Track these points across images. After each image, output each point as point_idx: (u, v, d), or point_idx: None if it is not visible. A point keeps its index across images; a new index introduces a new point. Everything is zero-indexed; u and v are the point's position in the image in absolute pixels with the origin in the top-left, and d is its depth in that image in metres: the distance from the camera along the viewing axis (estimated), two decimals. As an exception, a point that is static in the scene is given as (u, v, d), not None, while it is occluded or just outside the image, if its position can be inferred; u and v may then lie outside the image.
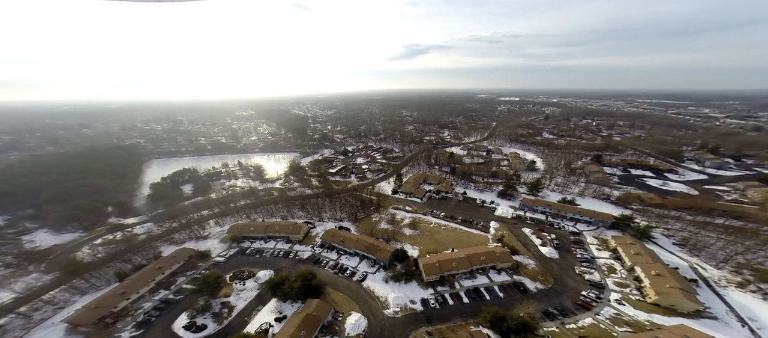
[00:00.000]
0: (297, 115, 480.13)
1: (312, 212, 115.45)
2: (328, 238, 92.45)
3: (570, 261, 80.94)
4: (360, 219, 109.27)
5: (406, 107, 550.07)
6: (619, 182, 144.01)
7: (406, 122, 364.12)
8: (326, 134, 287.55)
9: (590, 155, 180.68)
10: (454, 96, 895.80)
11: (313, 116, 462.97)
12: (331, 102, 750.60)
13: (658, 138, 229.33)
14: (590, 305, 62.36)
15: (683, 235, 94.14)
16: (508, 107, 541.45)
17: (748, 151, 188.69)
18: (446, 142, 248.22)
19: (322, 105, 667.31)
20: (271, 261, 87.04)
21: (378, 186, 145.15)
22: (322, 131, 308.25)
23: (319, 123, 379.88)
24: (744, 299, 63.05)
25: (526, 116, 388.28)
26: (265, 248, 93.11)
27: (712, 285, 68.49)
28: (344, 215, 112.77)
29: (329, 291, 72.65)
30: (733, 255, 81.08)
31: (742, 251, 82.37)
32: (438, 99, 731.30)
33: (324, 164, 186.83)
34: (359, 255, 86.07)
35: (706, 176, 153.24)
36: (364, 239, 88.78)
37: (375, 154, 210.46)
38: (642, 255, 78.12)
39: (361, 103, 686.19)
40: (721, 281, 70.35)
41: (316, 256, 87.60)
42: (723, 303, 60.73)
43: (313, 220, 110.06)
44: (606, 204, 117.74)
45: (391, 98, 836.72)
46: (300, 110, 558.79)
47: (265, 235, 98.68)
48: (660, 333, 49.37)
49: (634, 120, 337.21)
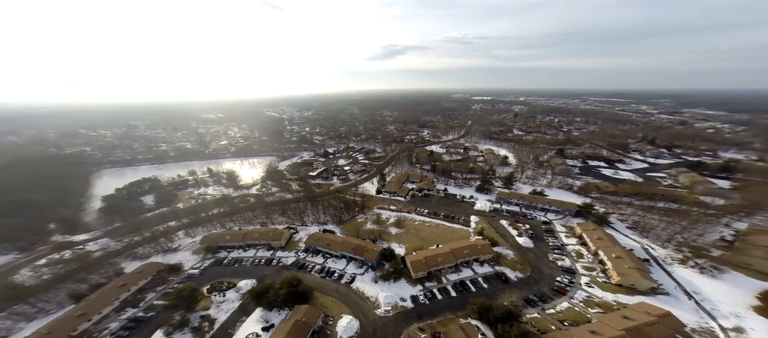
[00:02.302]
0: (272, 117, 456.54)
1: (293, 217, 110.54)
2: (312, 242, 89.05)
3: (544, 249, 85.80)
4: (345, 221, 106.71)
5: (386, 107, 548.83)
6: (580, 172, 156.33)
7: (387, 122, 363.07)
8: (304, 136, 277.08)
9: (554, 149, 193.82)
10: (431, 96, 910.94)
11: (290, 118, 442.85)
12: (308, 103, 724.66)
13: (609, 132, 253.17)
14: (565, 290, 66.68)
15: (634, 219, 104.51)
16: (481, 105, 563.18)
17: (677, 142, 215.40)
18: (426, 141, 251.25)
19: (298, 107, 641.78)
20: (252, 270, 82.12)
21: (362, 187, 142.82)
22: (299, 133, 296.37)
23: (297, 125, 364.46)
24: (686, 274, 71.52)
25: (498, 115, 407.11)
26: (244, 257, 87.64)
27: (661, 263, 76.84)
28: (328, 218, 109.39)
29: (318, 296, 69.94)
30: (673, 235, 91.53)
31: (679, 231, 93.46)
32: (416, 99, 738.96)
33: (304, 167, 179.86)
34: (346, 257, 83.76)
35: (647, 165, 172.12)
36: (351, 240, 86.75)
37: (357, 155, 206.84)
38: (603, 239, 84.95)
39: (341, 104, 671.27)
40: (667, 259, 79.20)
41: (301, 261, 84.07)
42: (671, 279, 68.34)
43: (296, 225, 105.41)
44: (570, 194, 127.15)
45: (370, 99, 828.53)
46: (274, 112, 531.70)
47: (244, 243, 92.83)
48: (625, 311, 54.11)
49: (588, 117, 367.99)
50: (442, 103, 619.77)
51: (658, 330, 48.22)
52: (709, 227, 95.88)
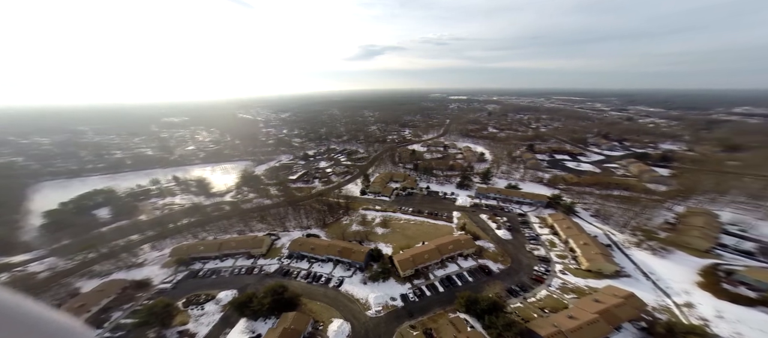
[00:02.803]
0: (245, 119, 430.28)
1: (274, 224, 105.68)
2: (296, 248, 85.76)
3: (521, 240, 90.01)
4: (329, 224, 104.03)
5: (367, 107, 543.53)
6: (548, 166, 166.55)
7: (369, 122, 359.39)
8: (282, 138, 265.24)
9: (525, 145, 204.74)
10: (411, 96, 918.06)
11: (265, 120, 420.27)
12: (284, 105, 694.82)
13: (570, 128, 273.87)
14: (542, 278, 70.69)
15: (595, 207, 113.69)
16: (458, 105, 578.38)
17: (626, 136, 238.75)
18: (408, 140, 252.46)
19: (274, 108, 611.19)
20: (231, 280, 77.44)
21: (345, 189, 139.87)
22: (276, 135, 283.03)
23: (273, 127, 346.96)
24: (642, 256, 79.15)
25: (473, 113, 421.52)
26: (221, 268, 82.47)
27: (621, 247, 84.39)
28: (311, 222, 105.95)
29: (305, 302, 67.52)
30: (628, 221, 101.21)
31: (632, 217, 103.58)
32: (397, 99, 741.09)
33: (283, 171, 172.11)
34: (333, 261, 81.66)
35: (604, 157, 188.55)
36: (336, 243, 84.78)
37: (339, 156, 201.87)
38: (572, 228, 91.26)
39: (320, 104, 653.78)
40: (625, 243, 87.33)
41: (285, 268, 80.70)
42: (631, 262, 75.39)
43: (277, 231, 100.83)
44: (541, 186, 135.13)
45: (351, 99, 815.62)
46: (248, 114, 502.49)
47: (220, 254, 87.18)
48: (596, 295, 58.64)
49: (552, 114, 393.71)
50: (421, 103, 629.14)
51: (625, 311, 52.89)
52: (655, 211, 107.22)
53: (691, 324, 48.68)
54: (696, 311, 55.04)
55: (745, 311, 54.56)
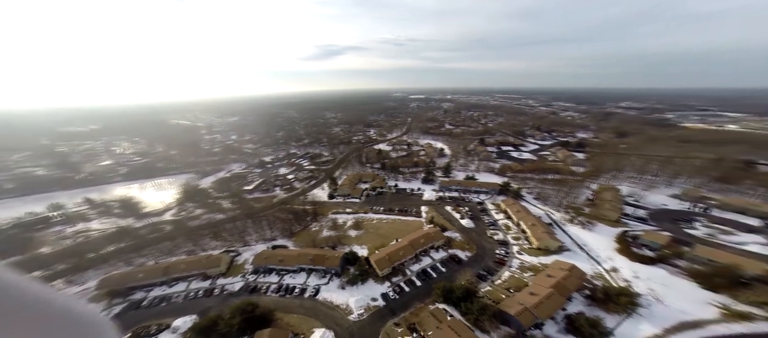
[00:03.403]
0: (181, 126, 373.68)
1: (231, 239, 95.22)
2: (261, 262, 78.83)
3: (482, 227, 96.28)
4: (297, 233, 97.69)
5: (329, 108, 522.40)
6: (497, 156, 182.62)
7: (332, 124, 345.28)
8: (231, 145, 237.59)
9: (477, 139, 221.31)
10: (373, 96, 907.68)
11: (208, 126, 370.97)
12: (231, 108, 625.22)
13: (511, 122, 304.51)
14: (504, 260, 77.12)
15: (537, 191, 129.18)
16: (418, 104, 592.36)
17: (553, 127, 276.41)
18: (373, 140, 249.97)
19: (218, 112, 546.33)
20: (187, 305, 68.17)
21: (311, 194, 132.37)
22: (224, 142, 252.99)
23: (219, 134, 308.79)
24: (575, 230, 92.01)
25: (432, 111, 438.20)
26: (172, 294, 72.09)
27: (559, 224, 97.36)
28: (276, 233, 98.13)
29: (281, 316, 62.24)
30: (561, 200, 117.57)
31: (564, 196, 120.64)
32: (360, 99, 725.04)
33: (236, 182, 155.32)
34: (305, 270, 76.97)
35: (538, 146, 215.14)
36: (307, 251, 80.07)
37: (301, 161, 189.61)
38: (521, 211, 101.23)
39: (274, 107, 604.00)
40: (562, 221, 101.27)
41: (252, 284, 73.75)
42: (568, 237, 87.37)
43: (236, 247, 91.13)
44: (493, 175, 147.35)
45: (310, 100, 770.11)
46: (185, 120, 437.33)
47: (167, 279, 76.00)
48: (548, 270, 66.31)
49: (497, 110, 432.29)
50: (383, 102, 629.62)
51: (572, 282, 61.04)
52: (579, 190, 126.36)
53: (619, 287, 58.85)
54: (620, 274, 66.60)
55: (650, 269, 68.03)
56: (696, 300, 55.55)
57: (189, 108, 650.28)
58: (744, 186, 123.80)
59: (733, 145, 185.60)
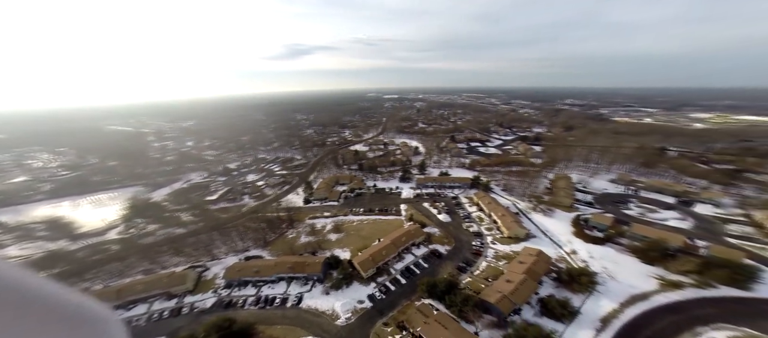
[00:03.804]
0: (123, 133, 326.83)
1: (196, 254, 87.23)
2: (234, 275, 73.42)
3: (458, 221, 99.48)
4: (272, 242, 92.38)
5: (300, 110, 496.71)
6: (467, 152, 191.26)
7: (304, 126, 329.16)
8: (187, 153, 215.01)
9: (448, 137, 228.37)
10: (347, 96, 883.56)
11: (157, 132, 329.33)
12: (185, 111, 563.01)
13: (478, 120, 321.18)
14: (480, 251, 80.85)
15: (503, 183, 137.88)
16: (392, 103, 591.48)
17: (513, 123, 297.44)
18: (349, 141, 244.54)
19: (169, 116, 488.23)
20: (151, 328, 62.04)
21: (285, 200, 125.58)
22: (179, 150, 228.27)
23: (171, 140, 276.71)
24: (538, 217, 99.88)
25: (405, 111, 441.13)
26: (130, 318, 65.11)
27: (525, 213, 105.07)
28: (248, 243, 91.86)
29: (262, 329, 58.76)
30: (524, 190, 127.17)
31: (526, 187, 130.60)
32: (333, 100, 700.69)
33: (196, 192, 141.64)
34: (285, 279, 73.24)
35: (502, 141, 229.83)
36: (286, 259, 76.21)
37: (271, 166, 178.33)
38: (491, 203, 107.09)
39: (238, 109, 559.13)
40: (527, 209, 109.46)
41: (226, 299, 68.53)
42: (533, 224, 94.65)
43: (202, 261, 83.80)
44: (464, 170, 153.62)
45: (279, 101, 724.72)
46: (127, 126, 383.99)
47: (122, 302, 68.26)
48: (519, 257, 71.03)
49: (465, 109, 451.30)
50: (358, 102, 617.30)
51: (541, 266, 66.17)
52: (538, 180, 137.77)
53: (580, 268, 65.30)
54: (578, 256, 73.92)
55: (601, 248, 76.68)
56: (639, 274, 64.12)
57: (131, 113, 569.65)
58: (660, 169, 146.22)
59: (650, 135, 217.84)
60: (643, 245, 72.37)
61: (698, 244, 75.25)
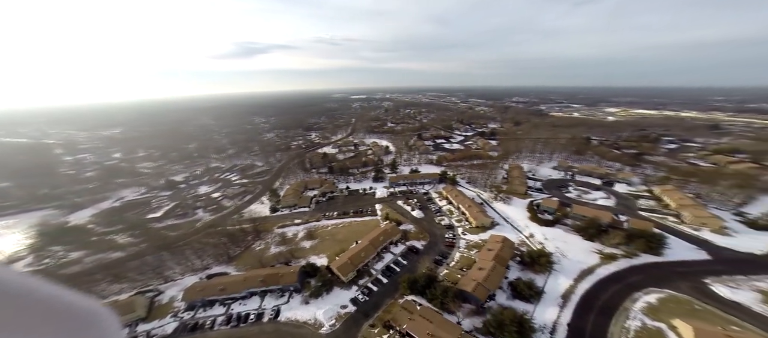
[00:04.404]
0: (17, 145, 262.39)
1: (143, 278, 76.68)
2: (195, 296, 66.03)
3: (430, 216, 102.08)
4: (237, 256, 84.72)
5: (257, 112, 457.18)
6: (433, 149, 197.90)
7: (263, 129, 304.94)
8: (115, 166, 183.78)
9: (416, 135, 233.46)
10: (312, 97, 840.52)
11: (67, 143, 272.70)
12: (106, 117, 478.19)
13: (441, 117, 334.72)
14: (453, 243, 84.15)
15: (467, 176, 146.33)
16: (360, 104, 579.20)
17: (472, 120, 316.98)
18: (317, 143, 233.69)
19: (83, 124, 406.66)
20: None
21: (248, 211, 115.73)
22: (101, 164, 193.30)
23: (89, 153, 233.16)
24: (499, 206, 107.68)
25: (374, 111, 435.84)
26: None
27: (488, 203, 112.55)
28: (209, 260, 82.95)
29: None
30: (485, 181, 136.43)
31: (487, 178, 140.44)
32: (296, 101, 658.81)
33: (133, 211, 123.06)
34: (257, 293, 67.86)
35: (463, 137, 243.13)
36: (256, 273, 70.90)
37: (228, 176, 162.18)
38: (459, 196, 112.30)
39: (181, 112, 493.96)
40: (489, 199, 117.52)
41: (190, 322, 61.50)
42: (496, 213, 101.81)
43: (153, 285, 74.12)
44: (433, 166, 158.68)
45: (232, 104, 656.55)
46: (20, 136, 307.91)
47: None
48: (487, 245, 75.56)
49: (429, 107, 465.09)
50: (324, 103, 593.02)
51: (506, 252, 71.34)
52: (496, 171, 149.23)
53: (538, 250, 71.96)
54: (535, 239, 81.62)
55: (552, 230, 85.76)
56: (584, 250, 73.37)
57: (22, 120, 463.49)
58: (587, 156, 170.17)
59: (578, 127, 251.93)
60: (582, 224, 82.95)
61: (621, 219, 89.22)
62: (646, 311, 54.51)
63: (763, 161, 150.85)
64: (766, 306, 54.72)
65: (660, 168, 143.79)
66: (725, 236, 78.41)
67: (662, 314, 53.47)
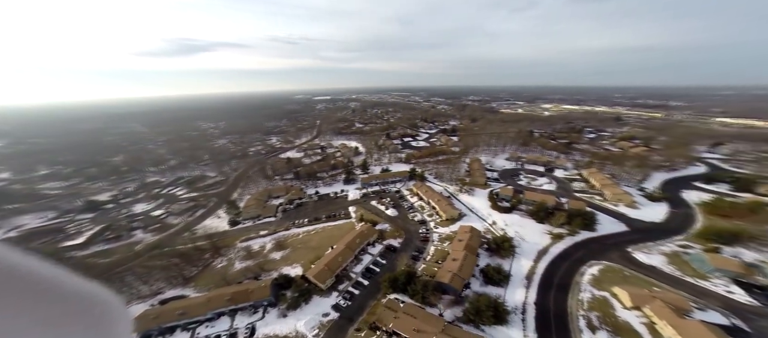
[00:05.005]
0: None
1: None
2: (148, 324, 58.22)
3: (404, 213, 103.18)
4: (195, 276, 76.09)
5: (203, 116, 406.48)
6: (402, 147, 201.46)
7: (213, 136, 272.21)
8: (2, 189, 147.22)
9: (384, 134, 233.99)
10: (270, 99, 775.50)
11: None
12: None
13: (407, 116, 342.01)
14: (427, 237, 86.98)
15: (434, 171, 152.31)
16: (325, 105, 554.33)
17: (435, 119, 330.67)
18: (279, 148, 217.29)
19: None
20: None
21: (202, 227, 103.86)
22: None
23: None
24: (464, 198, 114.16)
25: (340, 112, 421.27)
26: None
27: (454, 196, 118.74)
28: (159, 285, 72.93)
29: None
30: (451, 175, 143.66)
31: (451, 172, 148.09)
32: (252, 103, 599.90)
33: (42, 240, 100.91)
34: (226, 313, 61.81)
35: (428, 135, 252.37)
36: (221, 292, 64.55)
37: (172, 190, 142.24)
38: (428, 191, 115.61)
39: (97, 120, 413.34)
40: (455, 192, 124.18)
41: None
42: (463, 205, 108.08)
43: None
44: (402, 164, 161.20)
45: (170, 108, 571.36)
46: None
47: None
48: (458, 236, 79.78)
49: (395, 107, 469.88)
50: (284, 105, 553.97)
51: (475, 241, 76.19)
52: (459, 165, 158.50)
53: (501, 236, 78.54)
54: (498, 225, 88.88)
55: (510, 216, 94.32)
56: (538, 232, 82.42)
57: None
58: (532, 146, 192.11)
59: (523, 121, 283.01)
60: (534, 209, 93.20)
61: (562, 201, 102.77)
62: (591, 282, 63.45)
63: (652, 144, 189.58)
64: (671, 266, 68.34)
65: (585, 154, 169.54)
66: (635, 209, 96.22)
67: (604, 283, 62.82)
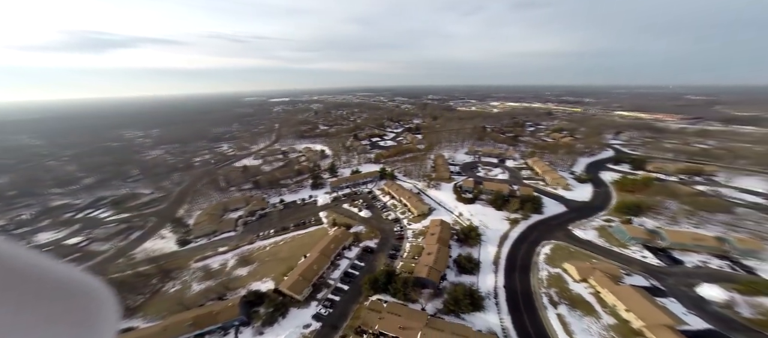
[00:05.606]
0: None
1: None
2: None
3: (377, 213, 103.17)
4: (140, 306, 66.27)
5: (128, 124, 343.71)
6: (370, 147, 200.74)
7: (144, 146, 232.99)
8: None
9: (351, 136, 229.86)
10: (216, 101, 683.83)
11: None
12: None
13: (373, 117, 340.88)
14: (403, 235, 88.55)
15: (403, 169, 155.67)
16: (283, 107, 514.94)
17: (400, 118, 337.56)
18: (231, 156, 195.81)
19: None
20: None
21: (141, 250, 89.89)
22: None
23: None
24: (433, 193, 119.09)
25: (301, 114, 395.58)
26: None
27: (423, 192, 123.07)
28: None
29: None
30: (418, 172, 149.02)
31: (418, 169, 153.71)
32: (192, 107, 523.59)
33: None
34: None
35: (395, 134, 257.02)
36: (181, 317, 57.45)
37: (92, 213, 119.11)
38: (399, 189, 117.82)
39: None
40: (424, 188, 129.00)
41: None
42: (432, 200, 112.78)
43: None
44: (372, 165, 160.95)
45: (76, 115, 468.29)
46: None
47: None
48: (429, 230, 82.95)
49: (360, 107, 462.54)
50: (233, 109, 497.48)
51: (445, 233, 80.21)
52: (425, 162, 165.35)
53: (468, 225, 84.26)
54: (464, 216, 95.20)
55: (473, 207, 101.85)
56: (498, 219, 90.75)
57: None
58: (486, 140, 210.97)
59: (477, 118, 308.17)
60: (492, 197, 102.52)
61: (515, 188, 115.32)
62: (546, 261, 71.93)
63: (576, 134, 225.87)
64: (601, 239, 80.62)
65: (528, 145, 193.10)
66: (569, 191, 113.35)
67: (556, 260, 71.80)
